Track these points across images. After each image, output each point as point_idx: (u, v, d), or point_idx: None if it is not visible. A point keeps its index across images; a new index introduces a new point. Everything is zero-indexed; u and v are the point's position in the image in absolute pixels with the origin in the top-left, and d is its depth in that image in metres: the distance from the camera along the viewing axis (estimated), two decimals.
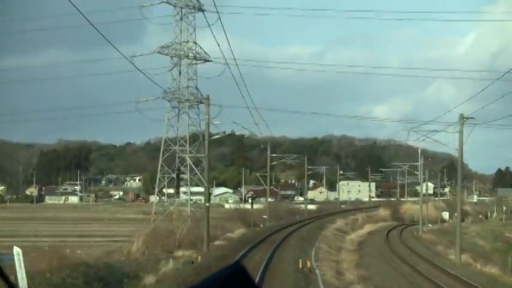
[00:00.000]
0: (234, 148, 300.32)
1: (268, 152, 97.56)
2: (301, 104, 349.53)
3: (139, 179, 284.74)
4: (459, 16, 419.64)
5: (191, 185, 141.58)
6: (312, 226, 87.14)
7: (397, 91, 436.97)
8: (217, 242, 60.60)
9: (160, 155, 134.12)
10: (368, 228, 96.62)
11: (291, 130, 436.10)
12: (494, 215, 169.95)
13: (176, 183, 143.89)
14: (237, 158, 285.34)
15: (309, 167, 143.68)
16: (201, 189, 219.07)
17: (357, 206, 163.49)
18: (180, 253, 49.54)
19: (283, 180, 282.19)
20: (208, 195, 56.24)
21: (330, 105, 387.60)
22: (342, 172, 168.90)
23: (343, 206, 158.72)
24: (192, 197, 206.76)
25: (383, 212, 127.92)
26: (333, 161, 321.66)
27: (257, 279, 32.22)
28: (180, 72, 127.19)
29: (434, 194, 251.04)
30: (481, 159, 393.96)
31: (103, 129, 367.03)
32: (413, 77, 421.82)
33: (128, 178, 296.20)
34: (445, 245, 73.29)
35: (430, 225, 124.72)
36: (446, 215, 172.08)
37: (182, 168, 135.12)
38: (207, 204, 55.94)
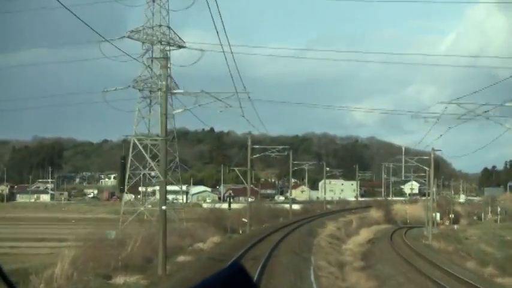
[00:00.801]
0: (212, 145, 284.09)
1: (249, 143, 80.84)
2: (283, 101, 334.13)
3: (114, 177, 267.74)
4: (440, 15, 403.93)
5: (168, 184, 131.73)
6: (301, 232, 70.68)
7: (378, 90, 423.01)
8: (181, 258, 44.08)
9: (130, 150, 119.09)
10: (364, 233, 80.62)
11: (271, 127, 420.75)
12: (489, 216, 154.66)
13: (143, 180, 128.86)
14: (216, 155, 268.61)
15: (295, 162, 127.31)
16: (177, 187, 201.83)
17: (343, 207, 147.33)
18: (121, 280, 32.90)
19: (263, 179, 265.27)
20: (165, 193, 39.44)
21: (309, 105, 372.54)
22: (328, 169, 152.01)
23: (329, 207, 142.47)
24: (168, 196, 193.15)
25: (375, 214, 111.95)
26: (314, 160, 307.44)
27: None
28: (152, 59, 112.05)
29: (420, 194, 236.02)
30: (465, 158, 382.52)
31: (81, 126, 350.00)
32: (394, 76, 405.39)
33: (102, 176, 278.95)
34: (476, 260, 57.10)
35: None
36: (437, 216, 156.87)
37: (154, 163, 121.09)
38: (163, 207, 39.31)
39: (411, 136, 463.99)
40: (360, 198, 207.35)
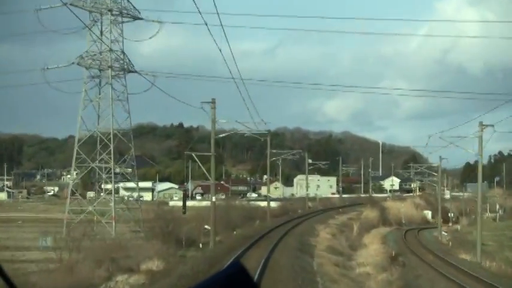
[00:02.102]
0: (180, 140, 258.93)
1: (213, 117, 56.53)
2: (254, 97, 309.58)
3: (76, 173, 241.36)
4: (412, 13, 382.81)
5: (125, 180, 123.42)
6: (290, 245, 45.90)
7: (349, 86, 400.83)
8: None
9: (76, 141, 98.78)
10: (372, 242, 56.54)
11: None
12: (488, 214, 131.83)
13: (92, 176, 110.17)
14: (183, 150, 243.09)
15: (274, 150, 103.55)
16: (142, 184, 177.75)
17: (326, 205, 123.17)
18: None
19: (234, 175, 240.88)
20: None
21: (282, 100, 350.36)
22: (310, 161, 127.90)
23: (310, 205, 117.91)
24: (128, 194, 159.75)
25: (371, 214, 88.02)
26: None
27: None
28: (101, 32, 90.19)
29: (401, 190, 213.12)
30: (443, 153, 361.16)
31: (46, 122, 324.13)
32: (366, 72, 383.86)
33: (64, 172, 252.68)
34: None
35: (444, 232, 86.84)
36: (428, 214, 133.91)
37: (105, 156, 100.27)
38: None
39: (383, 133, 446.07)
40: (336, 195, 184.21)
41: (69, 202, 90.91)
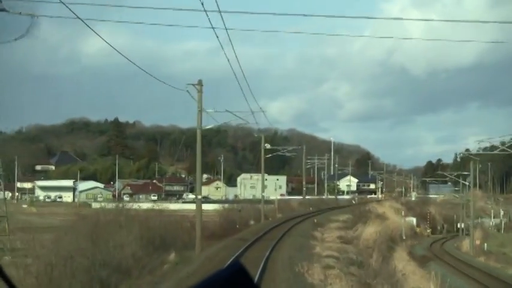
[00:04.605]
0: (112, 136, 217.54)
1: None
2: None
3: None
4: (356, 13, 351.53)
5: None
6: None
7: (293, 88, 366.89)
8: None
9: None
10: None
11: (182, 119, 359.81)
12: (492, 222, 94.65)
13: None
14: (114, 146, 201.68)
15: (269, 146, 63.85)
16: (62, 182, 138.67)
17: (284, 210, 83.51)
18: None
19: (170, 173, 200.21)
20: None
21: (225, 100, 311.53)
22: (268, 146, 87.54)
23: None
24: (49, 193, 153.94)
25: (370, 229, 49.38)
26: (229, 153, 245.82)
27: None
28: None
29: (359, 191, 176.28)
30: (397, 152, 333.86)
31: None
32: (309, 73, 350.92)
33: None
34: None
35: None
36: (413, 221, 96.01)
37: None
38: None
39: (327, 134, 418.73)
40: (287, 196, 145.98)
41: None
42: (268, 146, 74.93)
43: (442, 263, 48.86)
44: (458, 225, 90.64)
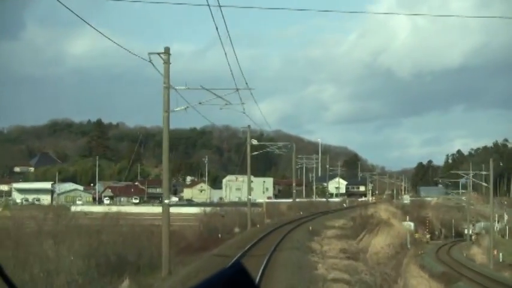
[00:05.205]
0: (94, 137, 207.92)
1: None
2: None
3: None
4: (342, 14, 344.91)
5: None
6: None
7: (279, 90, 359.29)
8: None
9: None
10: None
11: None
12: (497, 227, 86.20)
13: None
14: (95, 147, 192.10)
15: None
16: (40, 184, 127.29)
17: (272, 214, 74.69)
18: None
19: (153, 175, 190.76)
20: None
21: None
22: (255, 142, 78.74)
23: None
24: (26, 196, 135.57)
25: (379, 240, 40.75)
26: (214, 155, 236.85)
27: None
28: None
29: (348, 194, 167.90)
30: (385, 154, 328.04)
31: None
32: (295, 76, 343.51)
33: None
34: None
35: None
36: (411, 226, 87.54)
37: None
38: None
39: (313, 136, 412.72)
40: (274, 200, 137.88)
41: None
42: (255, 142, 66.64)
43: (469, 281, 40.27)
44: (466, 231, 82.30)
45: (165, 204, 27.95)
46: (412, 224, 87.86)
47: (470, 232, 79.03)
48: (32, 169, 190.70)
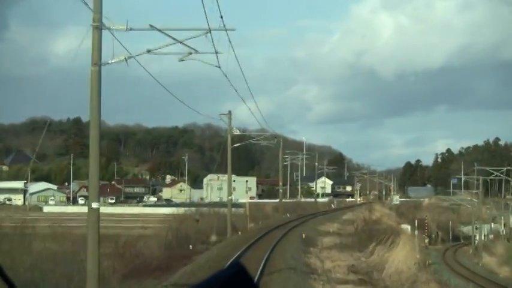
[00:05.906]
0: (71, 135, 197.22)
1: None
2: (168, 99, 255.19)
3: None
4: (326, 14, 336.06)
5: None
6: None
7: (261, 90, 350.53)
8: None
9: None
10: None
11: (147, 118, 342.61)
12: (502, 230, 77.21)
13: None
14: (72, 145, 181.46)
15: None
16: (12, 184, 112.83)
17: (256, 217, 64.92)
18: None
19: (131, 175, 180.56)
20: None
21: (194, 101, 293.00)
22: (237, 131, 69.30)
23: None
24: None
25: (400, 254, 31.13)
26: (196, 154, 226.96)
27: None
28: None
29: (334, 194, 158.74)
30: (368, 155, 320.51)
31: None
32: (278, 76, 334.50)
33: None
34: None
35: None
36: (407, 230, 77.75)
37: None
38: None
39: (297, 136, 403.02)
40: (257, 200, 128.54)
41: None
42: (237, 131, 57.35)
43: None
44: (471, 234, 73.43)
45: (91, 209, 18.42)
46: (409, 226, 79.00)
47: (477, 236, 70.11)
48: (6, 167, 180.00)
